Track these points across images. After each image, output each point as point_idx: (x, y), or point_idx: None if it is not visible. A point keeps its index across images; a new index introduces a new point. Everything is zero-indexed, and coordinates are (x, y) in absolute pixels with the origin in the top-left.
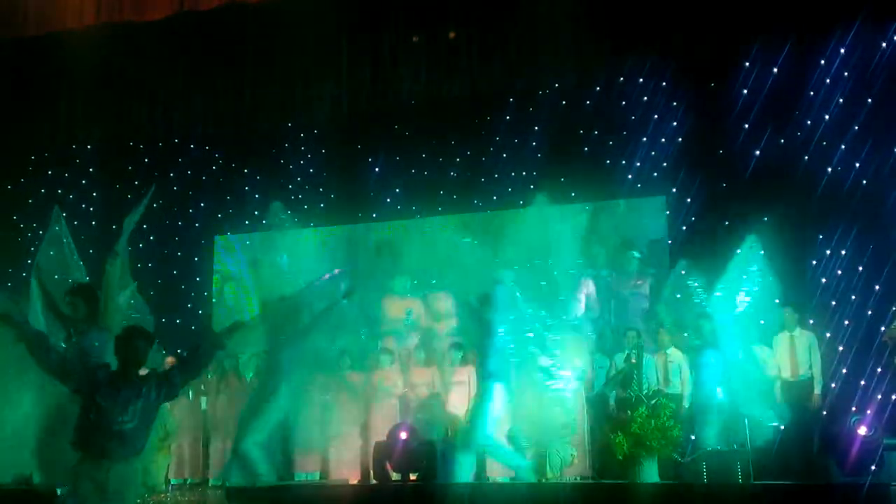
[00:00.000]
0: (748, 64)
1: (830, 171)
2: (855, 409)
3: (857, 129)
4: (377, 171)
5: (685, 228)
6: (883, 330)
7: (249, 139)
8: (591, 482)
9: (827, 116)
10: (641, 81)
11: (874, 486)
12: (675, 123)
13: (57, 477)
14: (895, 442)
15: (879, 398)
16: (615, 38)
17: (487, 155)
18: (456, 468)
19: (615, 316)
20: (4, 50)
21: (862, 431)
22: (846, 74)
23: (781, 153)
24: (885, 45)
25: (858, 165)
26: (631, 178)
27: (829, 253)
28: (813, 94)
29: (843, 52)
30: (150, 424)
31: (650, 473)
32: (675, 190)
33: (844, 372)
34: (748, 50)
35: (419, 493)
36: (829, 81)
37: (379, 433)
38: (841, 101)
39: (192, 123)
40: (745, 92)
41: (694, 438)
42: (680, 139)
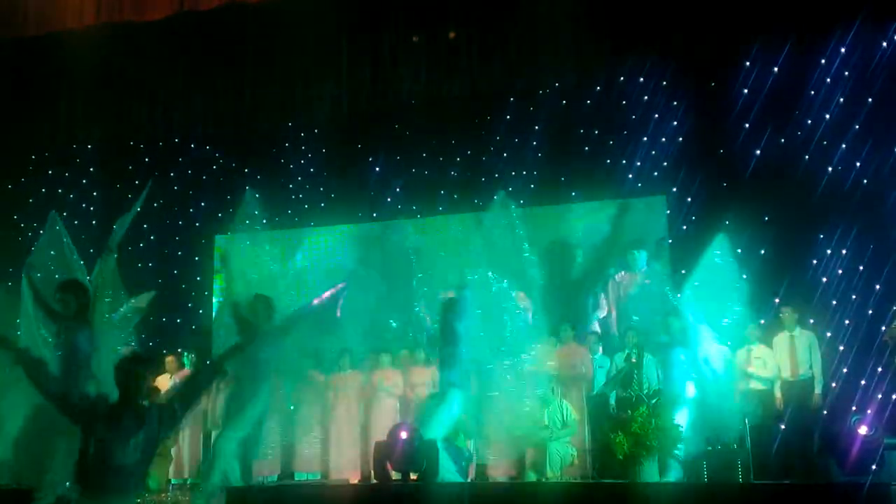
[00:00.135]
0: (748, 63)
1: (831, 170)
2: (855, 408)
3: (857, 128)
4: (377, 170)
5: (685, 228)
6: (883, 329)
7: (249, 139)
8: (591, 482)
9: (827, 116)
10: (642, 81)
11: (875, 485)
12: (675, 123)
13: (33, 477)
14: (895, 441)
15: (880, 398)
16: (615, 37)
17: (488, 155)
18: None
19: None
20: (4, 50)
21: (862, 431)
22: (846, 74)
23: (782, 153)
24: (885, 44)
25: (859, 165)
26: (631, 177)
27: (829, 252)
28: (813, 93)
29: (843, 51)
30: (150, 458)
31: (650, 473)
32: (675, 189)
33: (845, 371)
34: (748, 49)
35: (420, 492)
36: (829, 81)
37: (379, 433)
38: (841, 100)
39: (192, 123)
40: (745, 91)
41: None
42: (680, 139)
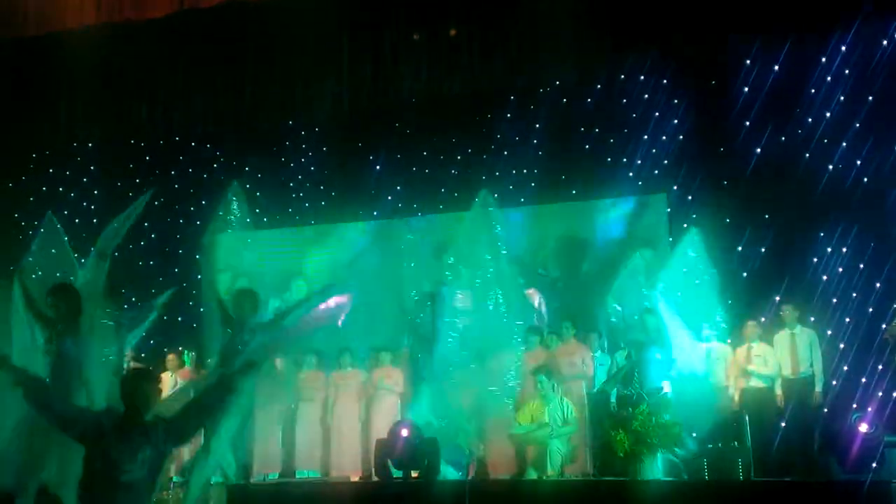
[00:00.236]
0: (749, 62)
1: (831, 168)
2: (856, 406)
3: (857, 127)
4: (378, 168)
5: (686, 226)
6: (884, 327)
7: (250, 138)
8: (592, 479)
9: (828, 114)
10: (642, 79)
11: (875, 483)
12: (676, 121)
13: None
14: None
15: (880, 395)
16: (616, 35)
17: (488, 152)
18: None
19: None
20: (4, 50)
21: (863, 429)
22: (847, 72)
23: (782, 151)
24: (885, 42)
25: (859, 163)
26: (632, 175)
27: (829, 250)
28: (814, 91)
29: (843, 49)
30: (157, 475)
31: (651, 470)
32: (676, 187)
33: (845, 369)
34: (749, 48)
35: (421, 490)
36: (829, 79)
37: (380, 431)
38: (842, 98)
39: (192, 122)
40: (745, 90)
41: None
42: (681, 137)
